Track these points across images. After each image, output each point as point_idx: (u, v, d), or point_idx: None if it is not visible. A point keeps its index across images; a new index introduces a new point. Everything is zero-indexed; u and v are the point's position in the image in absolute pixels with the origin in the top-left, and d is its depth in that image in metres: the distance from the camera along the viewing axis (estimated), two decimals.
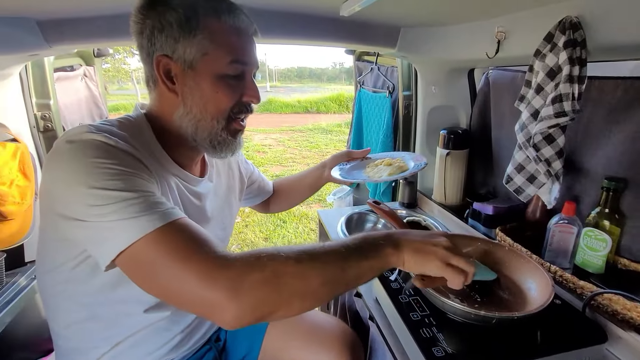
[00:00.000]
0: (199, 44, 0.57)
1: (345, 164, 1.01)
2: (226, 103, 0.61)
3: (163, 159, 0.63)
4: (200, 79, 0.59)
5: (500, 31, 0.89)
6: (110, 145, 0.50)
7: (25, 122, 1.15)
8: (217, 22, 0.58)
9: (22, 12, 0.84)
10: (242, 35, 0.61)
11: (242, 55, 0.60)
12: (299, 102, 12.58)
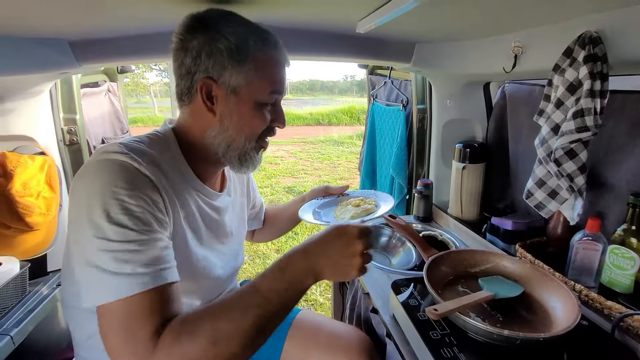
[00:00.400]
0: (246, 74, 0.61)
1: (321, 199, 1.03)
2: (260, 127, 0.66)
3: (187, 173, 0.67)
4: (241, 104, 0.63)
5: (517, 46, 0.89)
6: (135, 168, 0.53)
7: (53, 136, 1.20)
8: (263, 54, 0.62)
9: (56, 33, 0.89)
10: (281, 68, 0.65)
11: (280, 86, 0.65)
12: (311, 114, 12.73)
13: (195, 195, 0.68)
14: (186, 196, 0.65)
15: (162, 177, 0.58)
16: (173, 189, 0.61)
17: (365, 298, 1.01)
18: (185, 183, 0.65)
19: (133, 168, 0.53)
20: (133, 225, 0.49)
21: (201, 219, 0.69)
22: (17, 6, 0.64)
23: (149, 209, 0.52)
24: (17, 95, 1.05)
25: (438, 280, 0.84)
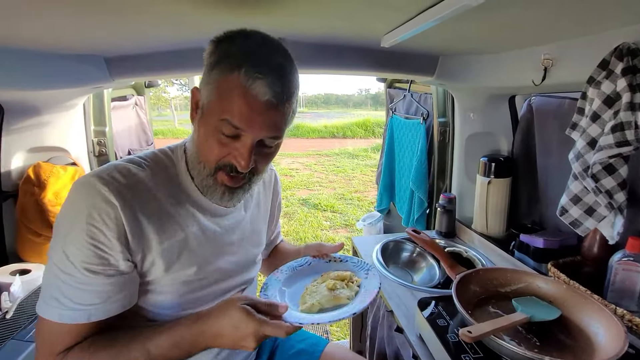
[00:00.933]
0: (210, 90, 0.56)
1: (310, 260, 0.86)
2: (212, 155, 0.58)
3: (188, 191, 0.64)
4: (205, 121, 0.58)
5: (547, 58, 0.87)
6: (107, 197, 0.54)
7: (84, 148, 1.25)
8: (228, 76, 0.54)
9: (93, 50, 0.93)
10: (247, 100, 0.54)
11: (238, 119, 0.54)
12: (326, 127, 12.82)
13: (194, 213, 0.64)
14: (180, 217, 0.62)
15: (141, 205, 0.57)
16: (159, 213, 0.59)
17: (389, 316, 0.97)
18: (177, 204, 0.62)
19: (102, 205, 0.54)
20: (88, 266, 0.53)
21: (195, 237, 0.64)
22: (63, 27, 0.67)
23: (103, 249, 0.54)
24: (53, 108, 1.11)
25: (467, 299, 0.80)
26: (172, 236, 0.61)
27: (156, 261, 0.59)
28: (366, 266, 0.81)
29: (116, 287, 0.56)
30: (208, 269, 0.67)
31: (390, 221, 2.42)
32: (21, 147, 1.10)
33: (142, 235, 0.57)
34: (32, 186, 1.05)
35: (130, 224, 0.55)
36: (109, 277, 0.55)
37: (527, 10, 0.63)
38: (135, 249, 0.57)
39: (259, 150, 0.59)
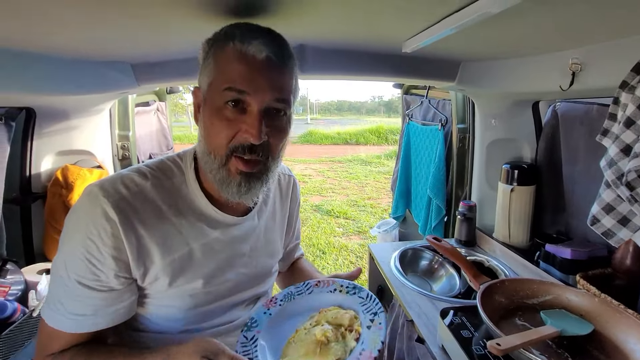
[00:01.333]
0: (208, 73, 0.55)
1: (305, 288, 0.71)
2: (221, 138, 0.55)
3: (195, 201, 0.62)
4: (207, 108, 0.56)
5: (575, 63, 0.85)
6: (106, 212, 0.53)
7: (109, 151, 1.29)
8: (224, 49, 0.54)
9: (121, 57, 0.97)
10: (244, 61, 0.52)
11: (239, 81, 0.52)
12: (339, 134, 12.85)
13: (200, 225, 0.62)
14: (184, 229, 0.60)
15: (142, 218, 0.56)
16: (162, 225, 0.58)
17: (409, 326, 0.95)
18: (186, 215, 0.60)
19: (101, 220, 0.53)
20: (80, 279, 0.54)
21: (205, 250, 0.62)
22: (94, 34, 0.70)
23: (95, 264, 0.54)
24: (81, 112, 1.15)
25: (492, 310, 0.77)
26: (176, 250, 0.59)
27: (159, 275, 0.58)
28: (375, 307, 0.63)
29: (106, 302, 0.55)
30: (215, 282, 0.64)
31: (405, 229, 2.39)
32: (50, 150, 1.14)
33: (144, 249, 0.56)
34: (60, 188, 1.09)
35: (130, 238, 0.54)
36: (99, 292, 0.54)
37: (555, 14, 0.62)
38: (136, 263, 0.56)
39: (269, 122, 0.55)
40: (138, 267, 0.56)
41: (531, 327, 0.75)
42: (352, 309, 0.65)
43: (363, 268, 3.27)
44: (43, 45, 0.76)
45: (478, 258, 1.19)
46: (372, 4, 0.60)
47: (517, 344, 0.60)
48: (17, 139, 1.09)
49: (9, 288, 0.93)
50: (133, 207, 0.55)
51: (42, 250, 1.15)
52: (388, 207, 5.13)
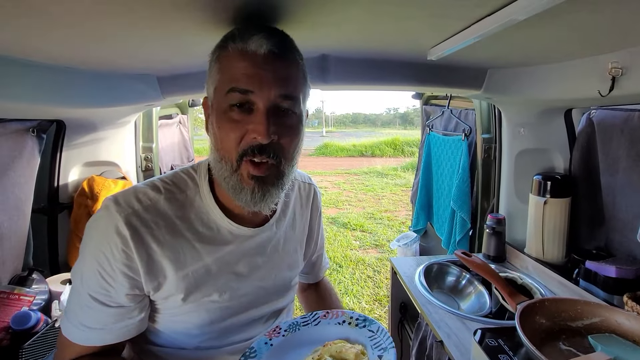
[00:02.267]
0: (212, 79, 0.54)
1: (312, 319, 0.67)
2: (229, 141, 0.53)
3: (208, 213, 0.60)
4: (214, 116, 0.54)
5: (615, 67, 0.80)
6: (117, 227, 0.52)
7: (133, 162, 1.31)
8: (225, 50, 0.52)
9: (147, 70, 0.99)
10: (246, 58, 0.50)
11: (243, 80, 0.50)
12: (354, 146, 12.85)
13: (213, 238, 0.60)
14: (197, 243, 0.58)
15: (153, 233, 0.55)
16: (174, 240, 0.56)
17: (438, 347, 0.89)
18: (198, 228, 0.59)
19: (112, 235, 0.52)
20: (91, 292, 0.54)
21: (219, 264, 0.60)
22: (125, 47, 0.72)
23: (106, 279, 0.53)
24: (108, 125, 1.18)
25: (533, 333, 0.71)
26: (190, 264, 0.57)
27: (173, 290, 0.57)
28: (385, 342, 0.58)
29: (114, 317, 0.55)
30: (231, 297, 0.62)
31: (427, 242, 2.31)
32: (78, 161, 1.17)
33: (156, 264, 0.55)
34: (85, 198, 1.11)
35: (141, 254, 0.53)
36: (108, 307, 0.54)
37: (594, 16, 0.58)
38: (148, 278, 0.55)
39: (277, 121, 0.52)
40: (150, 281, 0.55)
41: (578, 353, 0.68)
42: (360, 342, 0.60)
43: (381, 283, 3.16)
44: (77, 60, 0.78)
45: (510, 275, 1.12)
46: (401, 11, 0.58)
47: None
48: (47, 151, 1.12)
49: (34, 298, 0.93)
50: (145, 221, 0.54)
51: (67, 260, 1.17)
52: (406, 220, 5.02)
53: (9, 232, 0.97)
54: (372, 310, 2.63)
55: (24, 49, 0.67)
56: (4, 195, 0.95)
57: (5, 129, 0.94)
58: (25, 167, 1.01)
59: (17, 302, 0.89)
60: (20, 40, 0.62)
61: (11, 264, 0.99)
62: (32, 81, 0.76)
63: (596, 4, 0.53)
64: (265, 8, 0.55)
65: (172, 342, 0.62)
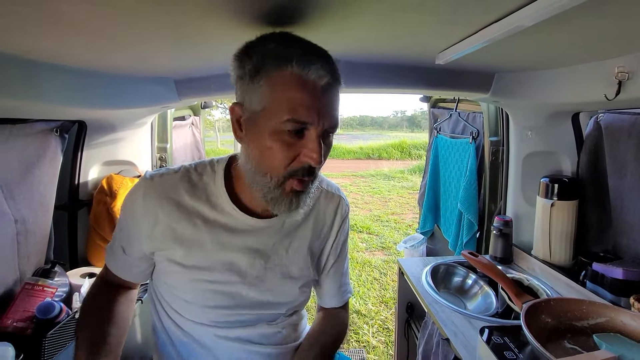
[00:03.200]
0: (261, 95, 0.54)
1: None
2: (280, 160, 0.55)
3: (218, 197, 0.65)
4: (259, 130, 0.55)
5: (622, 71, 0.81)
6: (144, 191, 0.64)
7: (149, 162, 1.36)
8: (280, 72, 0.52)
9: (165, 73, 1.03)
10: (306, 89, 0.52)
11: (303, 113, 0.52)
12: (361, 149, 12.85)
13: (215, 220, 0.65)
14: (198, 220, 0.64)
15: (161, 204, 0.63)
16: (178, 209, 0.64)
17: (445, 344, 0.91)
18: (205, 207, 0.65)
19: (145, 190, 0.64)
20: (118, 231, 0.70)
21: (212, 243, 0.64)
22: (144, 52, 0.76)
23: (126, 230, 0.67)
24: (126, 125, 1.23)
25: (538, 331, 0.73)
26: (188, 236, 0.64)
27: (171, 256, 0.65)
28: None
29: (126, 263, 0.69)
30: (226, 280, 0.65)
31: (434, 244, 2.31)
32: (98, 160, 1.22)
33: (158, 226, 0.63)
34: (104, 196, 1.15)
35: (148, 219, 0.63)
36: (122, 253, 0.68)
37: (600, 21, 0.60)
38: (152, 238, 0.64)
39: (323, 144, 0.55)
40: (152, 242, 0.64)
41: (582, 351, 0.70)
42: None
43: (387, 285, 3.15)
44: (100, 64, 0.83)
45: (516, 276, 1.13)
46: (411, 17, 0.61)
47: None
48: (69, 150, 1.17)
49: (56, 289, 0.98)
50: (157, 193, 0.63)
51: (86, 254, 1.21)
52: (412, 223, 5.01)
53: (34, 227, 1.01)
54: (379, 312, 2.64)
55: (51, 55, 0.72)
56: (30, 193, 1.00)
57: (31, 129, 0.99)
58: (49, 165, 1.06)
59: (41, 293, 0.94)
60: (49, 47, 0.66)
61: (35, 257, 1.04)
62: (57, 84, 0.81)
63: (602, 10, 0.55)
64: (282, 13, 0.58)
65: (187, 313, 0.68)
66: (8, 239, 0.95)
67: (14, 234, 0.96)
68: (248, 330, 0.69)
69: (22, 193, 0.98)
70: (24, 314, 0.89)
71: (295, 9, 0.56)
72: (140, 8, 0.49)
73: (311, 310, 2.66)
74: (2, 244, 0.93)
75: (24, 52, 0.67)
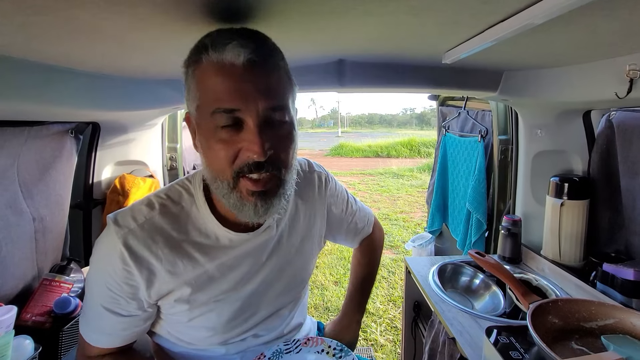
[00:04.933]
0: (192, 95, 0.51)
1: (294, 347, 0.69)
2: (222, 160, 0.50)
3: (207, 223, 0.61)
4: (201, 133, 0.51)
5: (633, 69, 0.80)
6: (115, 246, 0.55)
7: (159, 162, 1.39)
8: (199, 63, 0.48)
9: (175, 76, 1.05)
10: (224, 72, 0.46)
11: (226, 98, 0.47)
12: (370, 147, 12.79)
13: (212, 247, 0.61)
14: (195, 253, 0.60)
15: (150, 248, 0.56)
16: (172, 252, 0.58)
17: (450, 343, 0.91)
18: (194, 239, 0.60)
19: (112, 253, 0.55)
20: (102, 302, 0.58)
21: (221, 269, 0.61)
22: (156, 57, 0.78)
23: (114, 291, 0.57)
24: (138, 126, 1.26)
25: (545, 332, 0.72)
26: (191, 273, 0.59)
27: (177, 299, 0.59)
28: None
29: (123, 325, 0.59)
30: (238, 297, 0.64)
31: (442, 243, 2.30)
32: (111, 160, 1.26)
33: (157, 277, 0.57)
34: (117, 195, 1.19)
35: (141, 269, 0.56)
36: (118, 316, 0.58)
37: (609, 19, 0.59)
38: (152, 290, 0.57)
39: (270, 134, 0.50)
40: (155, 294, 0.58)
41: (589, 352, 0.69)
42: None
43: (395, 284, 3.15)
44: (114, 68, 0.85)
45: (525, 276, 1.12)
46: (415, 17, 0.61)
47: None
48: (83, 151, 1.21)
49: (72, 285, 1.02)
50: (142, 239, 0.56)
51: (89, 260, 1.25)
52: (421, 221, 4.97)
53: (51, 225, 1.06)
54: (387, 310, 2.64)
55: (68, 60, 0.75)
56: (47, 192, 1.04)
57: (48, 131, 1.02)
58: (65, 165, 1.10)
59: (58, 289, 0.98)
60: (67, 52, 0.69)
61: (52, 254, 1.08)
62: (72, 87, 0.84)
63: (611, 8, 0.54)
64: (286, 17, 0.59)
65: (185, 345, 0.66)
66: (27, 237, 0.99)
67: (32, 232, 1.00)
68: (254, 331, 0.69)
69: (40, 192, 1.02)
70: (42, 309, 0.93)
71: (302, 12, 0.57)
72: (155, 16, 0.50)
73: (310, 309, 2.68)
74: (22, 241, 0.97)
75: (42, 57, 0.70)
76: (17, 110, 0.81)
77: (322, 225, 0.79)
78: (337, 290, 3.01)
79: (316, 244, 0.78)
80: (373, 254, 0.96)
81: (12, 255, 0.94)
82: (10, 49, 0.63)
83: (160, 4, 0.46)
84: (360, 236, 0.93)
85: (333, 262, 3.59)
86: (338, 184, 0.84)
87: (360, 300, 0.90)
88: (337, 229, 0.85)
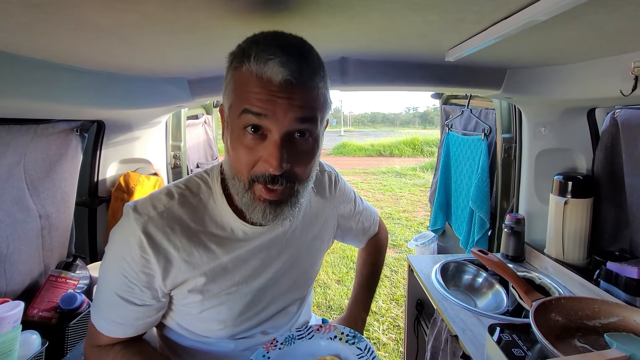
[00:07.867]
0: (228, 92, 0.54)
1: (306, 332, 0.69)
2: (243, 163, 0.53)
3: (224, 215, 0.62)
4: (230, 129, 0.54)
5: (638, 66, 0.80)
6: (135, 234, 0.56)
7: (163, 160, 1.40)
8: (239, 69, 0.51)
9: (179, 74, 1.06)
10: (261, 84, 0.49)
11: (257, 103, 0.49)
12: (372, 146, 12.76)
13: (228, 239, 0.62)
14: (211, 244, 0.61)
15: (167, 236, 0.57)
16: (188, 241, 0.59)
17: (453, 341, 0.91)
18: (210, 230, 0.61)
19: (131, 240, 0.56)
20: (117, 291, 0.58)
21: (235, 262, 0.63)
22: (160, 55, 0.79)
23: (130, 279, 0.57)
24: (142, 125, 1.27)
25: (547, 329, 0.72)
26: (206, 264, 0.60)
27: (191, 289, 0.60)
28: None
29: (136, 314, 0.59)
30: (249, 290, 0.65)
31: (445, 242, 2.30)
32: (115, 158, 1.27)
33: (173, 266, 0.58)
34: (122, 192, 1.20)
35: (159, 257, 0.56)
36: (133, 305, 0.58)
37: (614, 16, 0.59)
38: (168, 279, 0.58)
39: (292, 149, 0.52)
40: (170, 282, 0.59)
41: (592, 350, 0.69)
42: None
43: (398, 283, 3.15)
44: (119, 66, 0.86)
45: (528, 274, 1.12)
46: (418, 14, 0.61)
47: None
48: (89, 149, 1.22)
49: (78, 281, 1.03)
50: (161, 227, 0.57)
51: (104, 249, 1.27)
52: (424, 220, 4.96)
53: (57, 222, 1.07)
54: (389, 309, 2.64)
55: (74, 58, 0.75)
56: (53, 190, 1.05)
57: (54, 129, 1.04)
58: (70, 163, 1.11)
59: (64, 285, 0.99)
60: (73, 51, 0.69)
61: (58, 251, 1.10)
62: (78, 86, 0.85)
63: (615, 5, 0.54)
64: (291, 13, 0.59)
65: (195, 338, 0.66)
66: (34, 233, 1.00)
67: (38, 229, 1.02)
68: (264, 326, 0.69)
69: (46, 190, 1.03)
70: (49, 304, 0.94)
71: (304, 10, 0.57)
72: (161, 13, 0.51)
73: (313, 307, 2.69)
74: (28, 238, 0.98)
75: (48, 56, 0.71)
76: (24, 108, 0.82)
77: (332, 225, 0.80)
78: (339, 289, 3.01)
79: (325, 243, 0.79)
80: (378, 253, 0.97)
81: (19, 251, 0.95)
82: (17, 48, 0.64)
83: (166, 1, 0.47)
84: (367, 236, 0.95)
85: (336, 261, 3.59)
86: (346, 184, 0.86)
87: (366, 299, 0.91)
88: (347, 229, 0.87)
